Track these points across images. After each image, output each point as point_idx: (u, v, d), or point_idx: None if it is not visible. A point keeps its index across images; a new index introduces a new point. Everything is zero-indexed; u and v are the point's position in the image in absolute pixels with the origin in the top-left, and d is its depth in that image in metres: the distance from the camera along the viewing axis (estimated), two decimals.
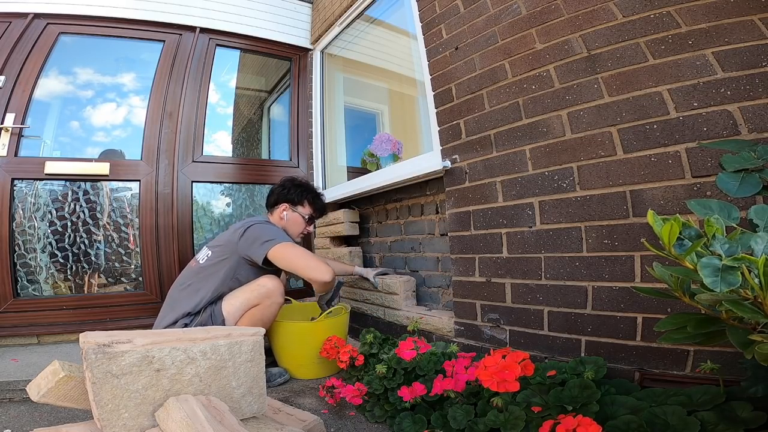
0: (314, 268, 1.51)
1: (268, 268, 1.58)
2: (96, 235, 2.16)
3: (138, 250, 2.21)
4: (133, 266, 2.22)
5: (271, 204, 1.78)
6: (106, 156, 2.28)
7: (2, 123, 2.00)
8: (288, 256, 1.53)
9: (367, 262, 2.32)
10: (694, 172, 0.98)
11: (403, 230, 2.04)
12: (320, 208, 1.83)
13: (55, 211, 2.08)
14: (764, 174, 0.70)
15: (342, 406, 1.35)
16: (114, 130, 2.40)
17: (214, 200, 2.53)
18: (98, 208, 2.18)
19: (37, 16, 2.19)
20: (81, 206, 2.14)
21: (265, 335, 0.95)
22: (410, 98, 2.32)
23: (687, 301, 0.64)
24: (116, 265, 2.20)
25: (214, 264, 1.58)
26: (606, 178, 1.13)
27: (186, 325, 1.49)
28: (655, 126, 1.05)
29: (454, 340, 1.53)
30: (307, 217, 1.77)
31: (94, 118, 2.36)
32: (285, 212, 1.74)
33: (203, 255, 1.65)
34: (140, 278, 2.20)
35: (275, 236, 1.56)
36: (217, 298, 1.54)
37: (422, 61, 1.81)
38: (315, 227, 2.55)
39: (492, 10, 1.50)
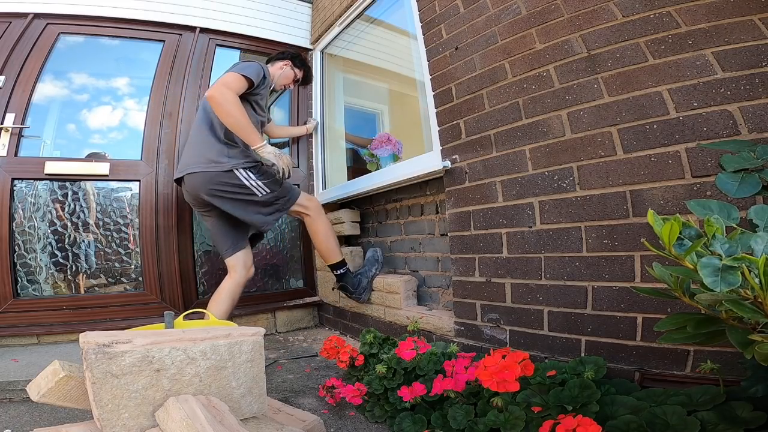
0: (223, 86, 1.65)
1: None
2: (96, 235, 2.15)
3: (138, 250, 2.21)
4: (133, 266, 2.22)
5: (276, 58, 2.17)
6: (90, 158, 2.26)
7: (2, 123, 2.00)
8: (229, 77, 1.70)
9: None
10: (694, 172, 0.98)
11: (403, 230, 2.04)
12: (306, 78, 2.28)
13: (54, 211, 2.08)
14: (764, 174, 0.70)
15: (342, 406, 1.35)
16: (112, 131, 2.40)
17: None
18: (98, 208, 2.18)
19: (37, 16, 2.19)
20: (81, 206, 2.13)
21: None
22: (410, 98, 2.31)
23: (687, 301, 0.64)
24: (116, 265, 2.19)
25: None
26: (606, 178, 1.13)
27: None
28: (655, 126, 1.05)
29: (454, 340, 1.53)
30: (294, 77, 2.19)
31: (94, 118, 2.36)
32: (285, 66, 2.14)
33: None
34: (140, 278, 2.20)
35: (243, 69, 1.74)
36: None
37: (422, 61, 1.81)
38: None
39: (492, 10, 1.50)
